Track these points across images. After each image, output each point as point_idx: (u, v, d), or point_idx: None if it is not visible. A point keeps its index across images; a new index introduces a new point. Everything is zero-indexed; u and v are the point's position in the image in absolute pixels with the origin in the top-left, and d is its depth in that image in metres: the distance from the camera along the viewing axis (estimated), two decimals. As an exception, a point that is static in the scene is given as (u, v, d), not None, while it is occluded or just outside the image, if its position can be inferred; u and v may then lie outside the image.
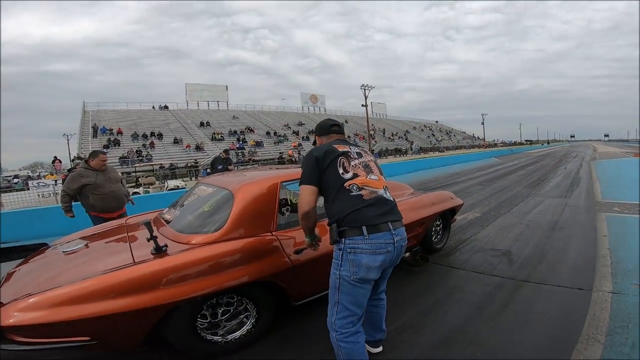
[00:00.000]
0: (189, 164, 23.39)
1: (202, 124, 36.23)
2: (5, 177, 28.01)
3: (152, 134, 30.56)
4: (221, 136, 33.50)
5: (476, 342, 1.95)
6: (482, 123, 62.67)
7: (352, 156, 1.65)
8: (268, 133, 38.14)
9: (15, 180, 22.09)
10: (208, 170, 13.73)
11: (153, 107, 41.21)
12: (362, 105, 35.26)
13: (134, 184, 15.29)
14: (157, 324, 1.74)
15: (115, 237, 2.47)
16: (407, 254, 2.97)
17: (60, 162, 23.72)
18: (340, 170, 1.57)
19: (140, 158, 24.80)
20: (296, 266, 2.04)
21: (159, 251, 1.82)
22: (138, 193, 11.09)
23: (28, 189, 14.69)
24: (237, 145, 31.15)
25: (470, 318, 2.22)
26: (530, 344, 1.89)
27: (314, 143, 1.93)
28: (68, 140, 33.27)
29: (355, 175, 1.58)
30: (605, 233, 3.92)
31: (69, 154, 30.93)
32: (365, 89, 34.43)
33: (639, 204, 5.25)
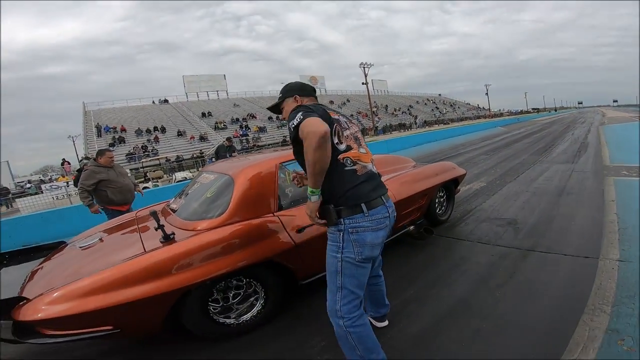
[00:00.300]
0: (195, 155, 23.55)
1: (203, 115, 36.14)
2: (18, 182, 28.71)
3: (156, 128, 30.66)
4: (224, 125, 33.45)
5: (481, 313, 1.96)
6: (487, 94, 61.31)
7: (343, 125, 1.50)
8: (270, 118, 37.87)
9: (28, 185, 22.60)
10: (213, 160, 13.83)
11: (153, 102, 41.15)
12: (363, 84, 34.66)
13: (143, 179, 15.51)
14: (173, 311, 1.82)
15: (127, 230, 2.57)
16: (412, 227, 3.00)
17: (69, 163, 24.18)
18: (335, 140, 1.40)
19: (146, 153, 25.01)
20: (299, 245, 2.10)
21: (167, 239, 1.89)
22: (148, 187, 11.27)
23: (42, 192, 15.04)
24: (241, 133, 31.13)
25: (475, 289, 2.24)
26: (534, 315, 1.89)
27: (277, 107, 1.68)
28: (74, 141, 33.68)
29: (348, 148, 1.44)
30: (613, 197, 3.85)
31: (77, 155, 31.41)
32: (364, 67, 33.74)
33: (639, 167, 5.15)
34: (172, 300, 1.77)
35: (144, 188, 5.23)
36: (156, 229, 1.89)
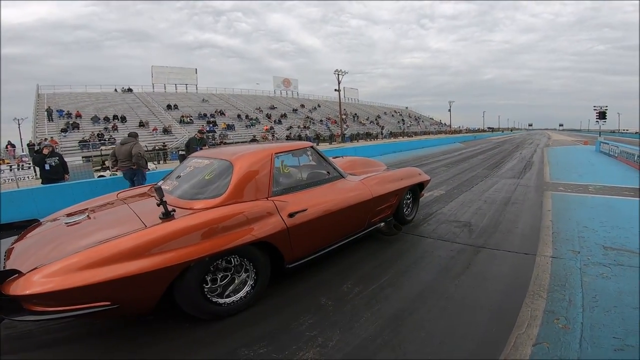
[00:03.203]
0: (157, 147, 22.57)
1: (169, 107, 34.63)
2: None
3: (115, 117, 28.86)
4: (190, 119, 32.33)
5: (445, 296, 2.31)
6: (449, 110, 65.16)
7: None
8: (239, 116, 37.27)
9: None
10: (181, 152, 13.40)
11: (115, 90, 38.60)
12: (335, 90, 35.38)
13: (100, 167, 14.70)
14: (170, 288, 1.87)
15: (114, 208, 2.55)
16: (382, 224, 3.32)
17: (13, 147, 22.05)
18: None
19: (102, 142, 23.48)
20: (290, 228, 2.29)
21: (168, 215, 1.96)
22: (104, 176, 10.73)
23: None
24: (208, 128, 30.30)
25: (439, 277, 2.60)
26: (487, 299, 2.25)
27: None
28: (19, 125, 30.72)
29: None
30: (549, 208, 4.53)
31: (21, 140, 28.63)
32: (338, 74, 34.50)
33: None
34: (173, 275, 1.82)
35: (100, 177, 5.09)
36: (158, 205, 1.95)
